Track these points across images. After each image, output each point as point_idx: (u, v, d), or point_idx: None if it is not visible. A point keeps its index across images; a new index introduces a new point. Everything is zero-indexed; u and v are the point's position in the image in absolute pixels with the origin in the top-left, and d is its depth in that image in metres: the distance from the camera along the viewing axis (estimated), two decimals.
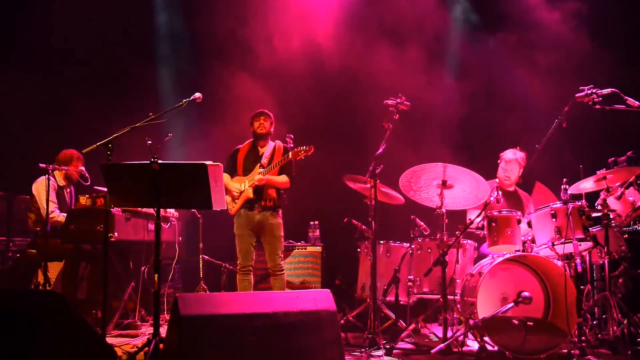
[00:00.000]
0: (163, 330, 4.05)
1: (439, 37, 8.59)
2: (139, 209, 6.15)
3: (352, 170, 6.39)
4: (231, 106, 8.07)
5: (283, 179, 6.08)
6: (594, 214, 5.37)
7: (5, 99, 7.58)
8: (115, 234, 5.86)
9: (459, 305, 5.54)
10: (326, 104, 8.47)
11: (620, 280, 5.60)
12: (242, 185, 6.04)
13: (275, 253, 6.06)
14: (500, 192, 5.27)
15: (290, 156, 5.90)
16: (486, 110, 8.29)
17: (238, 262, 6.12)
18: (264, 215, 6.03)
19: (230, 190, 6.05)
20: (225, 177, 6.18)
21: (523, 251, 5.26)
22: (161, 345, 3.92)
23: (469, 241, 5.98)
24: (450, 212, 5.60)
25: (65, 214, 6.21)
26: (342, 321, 6.09)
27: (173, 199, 4.18)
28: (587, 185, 5.49)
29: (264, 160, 6.08)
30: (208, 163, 3.99)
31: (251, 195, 5.99)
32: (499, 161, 6.41)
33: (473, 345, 5.23)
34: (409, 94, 5.89)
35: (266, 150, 6.16)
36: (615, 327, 5.18)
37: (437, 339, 5.46)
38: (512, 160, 6.29)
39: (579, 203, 5.04)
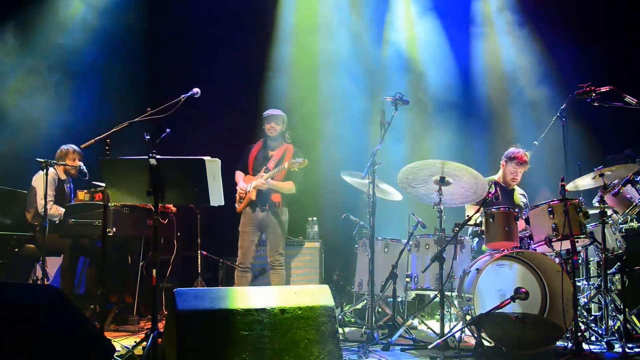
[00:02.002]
0: (161, 325, 4.06)
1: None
2: (137, 204, 6.15)
3: (350, 167, 6.40)
4: (228, 101, 8.08)
5: (288, 185, 6.16)
6: (591, 211, 5.38)
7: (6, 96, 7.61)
8: (114, 229, 5.87)
9: (456, 301, 5.55)
10: (324, 99, 8.47)
11: (616, 277, 5.62)
12: (249, 186, 6.11)
13: (276, 249, 6.16)
14: (498, 189, 5.27)
15: (286, 166, 6.00)
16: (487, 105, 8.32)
17: (238, 258, 6.18)
18: (268, 214, 6.12)
19: (238, 188, 6.16)
20: (239, 174, 6.29)
21: (520, 248, 5.28)
22: (159, 340, 3.93)
23: (466, 237, 6.00)
24: (448, 208, 5.61)
25: (61, 207, 6.23)
26: (339, 316, 6.12)
27: (171, 194, 4.18)
28: (584, 182, 5.50)
29: (271, 164, 6.15)
30: (206, 158, 4.00)
31: (254, 198, 6.11)
32: (506, 160, 6.34)
33: (470, 340, 5.25)
34: (408, 90, 5.91)
35: (276, 152, 6.22)
36: (611, 323, 5.21)
37: (434, 335, 5.48)
38: (525, 163, 6.23)
39: (577, 200, 5.06)
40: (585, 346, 4.73)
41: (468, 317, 5.05)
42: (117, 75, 8.38)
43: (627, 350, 4.69)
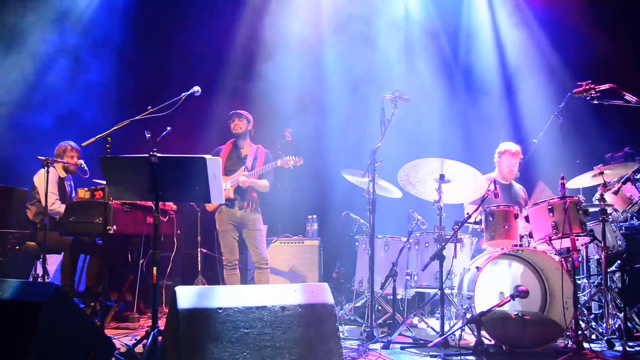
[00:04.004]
0: (161, 323, 4.06)
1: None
2: (138, 202, 6.16)
3: (350, 164, 6.40)
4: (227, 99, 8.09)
5: (264, 183, 6.22)
6: (591, 209, 5.38)
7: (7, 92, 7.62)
8: (114, 226, 5.87)
9: (456, 299, 5.56)
10: (324, 96, 8.47)
11: (616, 275, 5.63)
12: (224, 185, 6.11)
13: (262, 245, 6.17)
14: (497, 187, 5.27)
15: (278, 164, 6.01)
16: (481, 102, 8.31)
17: (224, 257, 6.20)
18: (245, 212, 6.14)
19: None
20: None
21: (520, 245, 5.28)
22: (159, 338, 3.94)
23: (466, 235, 6.00)
24: (448, 206, 5.62)
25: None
26: (339, 314, 6.12)
27: (172, 193, 4.18)
28: (584, 180, 5.50)
29: (249, 164, 6.17)
30: (207, 157, 4.00)
31: (232, 195, 6.13)
32: (498, 155, 6.37)
33: (470, 339, 5.25)
34: (408, 87, 5.91)
35: (249, 152, 6.25)
36: (611, 322, 5.21)
37: (434, 333, 5.48)
38: (516, 153, 6.29)
39: (576, 198, 5.06)
40: (585, 344, 4.73)
41: (468, 316, 5.06)
42: (117, 74, 8.39)
43: (628, 348, 4.70)
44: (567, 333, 4.88)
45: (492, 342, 4.83)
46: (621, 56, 7.50)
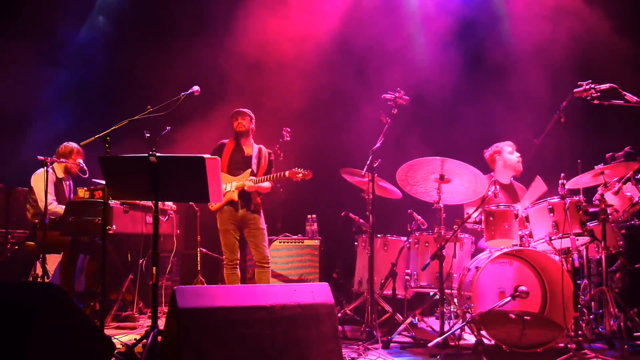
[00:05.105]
0: (161, 323, 4.06)
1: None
2: (137, 201, 6.16)
3: (350, 164, 6.39)
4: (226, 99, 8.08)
5: (267, 185, 6.19)
6: (592, 209, 5.37)
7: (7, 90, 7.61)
8: (114, 226, 5.87)
9: (456, 299, 5.55)
10: (324, 96, 8.46)
11: (617, 275, 5.62)
12: (228, 186, 6.09)
13: (262, 245, 6.15)
14: (497, 187, 5.27)
15: (287, 175, 5.98)
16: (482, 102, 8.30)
17: (224, 256, 6.19)
18: (248, 212, 6.13)
19: None
20: None
21: (520, 246, 5.27)
22: (159, 338, 3.93)
23: (466, 235, 5.99)
24: (448, 206, 5.61)
25: (63, 206, 6.23)
26: (339, 314, 6.12)
27: (171, 192, 4.18)
28: (584, 180, 5.49)
29: (254, 167, 6.15)
30: (205, 156, 4.00)
31: (235, 198, 6.11)
32: (499, 154, 6.36)
33: (470, 339, 5.25)
34: (409, 87, 5.90)
35: (252, 153, 6.23)
36: (611, 322, 5.20)
37: (434, 333, 5.47)
38: (514, 146, 6.32)
39: (577, 198, 5.05)
40: (585, 344, 4.72)
41: (468, 315, 5.05)
42: (116, 73, 8.40)
43: (628, 348, 4.70)
44: (567, 333, 4.87)
45: (492, 342, 4.83)
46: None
